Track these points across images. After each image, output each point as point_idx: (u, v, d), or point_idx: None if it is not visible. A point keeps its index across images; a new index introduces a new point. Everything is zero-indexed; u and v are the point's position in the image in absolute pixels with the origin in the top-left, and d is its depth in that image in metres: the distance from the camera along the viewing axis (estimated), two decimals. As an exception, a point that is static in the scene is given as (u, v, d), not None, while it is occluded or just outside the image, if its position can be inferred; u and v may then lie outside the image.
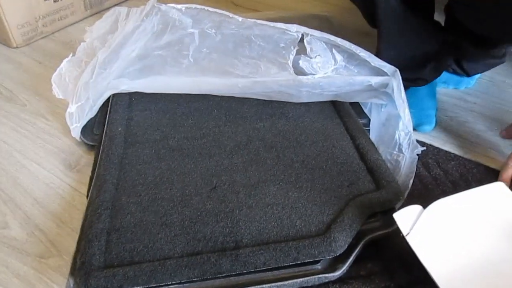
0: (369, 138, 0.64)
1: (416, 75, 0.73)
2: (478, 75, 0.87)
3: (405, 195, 0.56)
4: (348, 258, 0.48)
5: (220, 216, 0.51)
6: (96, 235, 0.48)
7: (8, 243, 0.56)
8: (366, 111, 0.71)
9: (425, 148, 0.66)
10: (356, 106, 0.71)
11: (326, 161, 0.59)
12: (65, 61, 0.70)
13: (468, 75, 0.84)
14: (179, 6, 0.63)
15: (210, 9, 0.62)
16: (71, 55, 0.71)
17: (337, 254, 0.47)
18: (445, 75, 0.84)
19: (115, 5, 1.14)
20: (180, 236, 0.49)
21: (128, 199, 0.54)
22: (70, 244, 0.55)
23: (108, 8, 1.12)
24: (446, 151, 0.71)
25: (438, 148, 0.71)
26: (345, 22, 0.99)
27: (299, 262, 0.46)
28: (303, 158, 0.59)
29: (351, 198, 0.53)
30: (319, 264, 0.47)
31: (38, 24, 0.98)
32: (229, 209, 0.52)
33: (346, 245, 0.47)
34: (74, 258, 0.47)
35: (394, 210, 0.50)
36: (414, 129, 0.74)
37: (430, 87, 0.78)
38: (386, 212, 0.51)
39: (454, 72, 0.84)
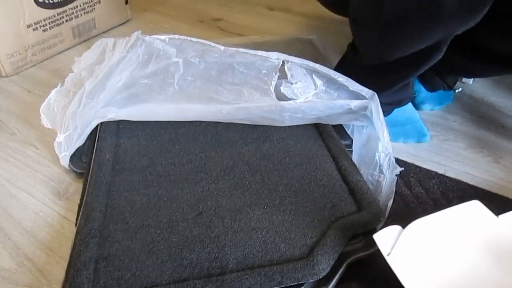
0: (351, 159, 0.66)
1: (401, 96, 0.75)
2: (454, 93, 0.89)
3: (386, 215, 0.58)
4: (331, 280, 0.48)
5: (206, 242, 0.52)
6: (84, 263, 0.49)
7: (-3, 273, 0.56)
8: (349, 132, 0.72)
9: (403, 168, 0.68)
10: (339, 127, 0.73)
11: (309, 183, 0.60)
12: (53, 91, 0.71)
13: (450, 88, 0.87)
14: (162, 37, 0.65)
15: (193, 39, 0.64)
16: (59, 85, 0.73)
17: (320, 277, 0.48)
18: (429, 96, 0.87)
19: (103, 32, 1.17)
20: (167, 263, 0.49)
21: (115, 226, 0.54)
22: (59, 273, 0.56)
23: (96, 36, 1.14)
24: (427, 169, 0.72)
25: (419, 166, 0.73)
26: (327, 44, 1.01)
27: (283, 286, 0.47)
28: (287, 181, 0.61)
29: (333, 220, 0.54)
30: (303, 287, 0.48)
31: (28, 53, 0.99)
32: (215, 234, 0.53)
33: (329, 268, 0.48)
34: (63, 288, 0.48)
35: (376, 231, 0.52)
36: (417, 142, 0.78)
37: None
38: (367, 233, 0.53)
39: (440, 88, 0.86)
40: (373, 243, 0.51)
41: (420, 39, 0.59)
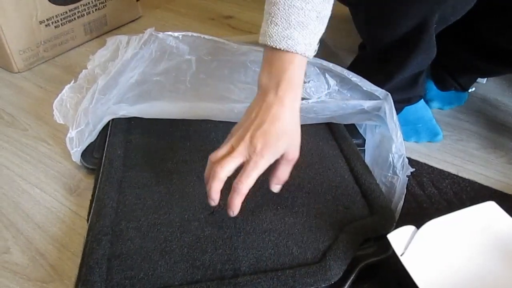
0: (364, 161, 0.65)
1: (410, 94, 0.74)
2: (467, 94, 0.89)
3: (397, 217, 0.57)
4: (344, 285, 0.48)
5: (218, 243, 0.51)
6: (97, 261, 0.49)
7: (9, 268, 0.56)
8: (361, 131, 0.72)
9: (414, 169, 0.67)
10: (351, 126, 0.72)
11: (322, 184, 0.60)
12: (66, 87, 0.72)
13: (464, 89, 0.86)
14: (176, 34, 0.64)
15: (206, 36, 0.64)
16: (72, 81, 0.73)
17: (332, 282, 0.47)
18: (439, 94, 0.86)
19: (114, 29, 1.17)
20: (180, 263, 0.49)
21: (128, 224, 0.54)
22: (70, 268, 0.56)
23: (107, 33, 1.15)
24: (440, 169, 0.72)
25: (432, 166, 0.72)
26: (338, 42, 1.01)
27: None
28: (299, 181, 0.60)
29: (345, 223, 0.53)
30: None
31: (39, 49, 1.00)
32: (227, 235, 0.52)
33: (341, 273, 0.48)
34: (76, 285, 0.48)
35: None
36: (429, 141, 0.78)
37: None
38: (379, 238, 0.52)
39: (451, 88, 0.85)
40: (385, 248, 0.51)
41: (402, 16, 0.61)
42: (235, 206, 0.49)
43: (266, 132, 0.48)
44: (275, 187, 0.54)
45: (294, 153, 0.51)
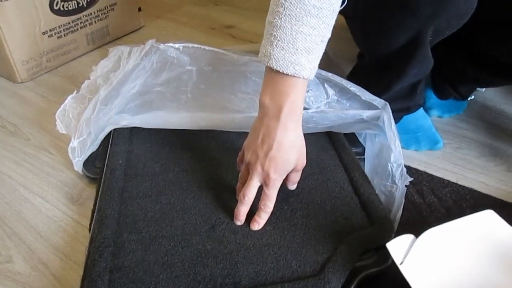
0: (363, 171, 0.65)
1: (409, 103, 0.75)
2: (466, 102, 0.89)
3: (396, 227, 0.57)
4: (342, 297, 0.48)
5: (219, 257, 0.52)
6: (99, 274, 0.49)
7: (12, 277, 0.57)
8: (360, 140, 0.72)
9: (413, 178, 0.68)
10: (351, 135, 0.73)
11: (321, 195, 0.60)
12: (69, 97, 0.72)
13: (464, 98, 0.86)
14: (176, 45, 0.65)
15: (207, 47, 0.65)
16: (75, 91, 0.74)
17: None
18: (439, 103, 0.87)
19: (116, 39, 1.18)
20: (181, 277, 0.49)
21: (129, 236, 0.54)
22: (72, 277, 0.57)
23: (109, 43, 1.16)
24: (440, 178, 0.72)
25: (432, 175, 0.73)
26: (339, 52, 1.02)
27: None
28: (298, 192, 0.60)
29: (344, 234, 0.54)
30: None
31: (42, 59, 1.01)
32: (228, 250, 0.53)
33: (340, 286, 0.48)
34: (79, 298, 0.48)
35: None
36: (430, 149, 0.78)
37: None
38: (379, 248, 0.52)
39: (451, 97, 0.86)
40: (384, 259, 0.51)
41: (396, 29, 0.62)
42: (263, 221, 0.56)
43: (274, 158, 0.52)
44: (292, 187, 0.60)
45: (302, 164, 0.56)
